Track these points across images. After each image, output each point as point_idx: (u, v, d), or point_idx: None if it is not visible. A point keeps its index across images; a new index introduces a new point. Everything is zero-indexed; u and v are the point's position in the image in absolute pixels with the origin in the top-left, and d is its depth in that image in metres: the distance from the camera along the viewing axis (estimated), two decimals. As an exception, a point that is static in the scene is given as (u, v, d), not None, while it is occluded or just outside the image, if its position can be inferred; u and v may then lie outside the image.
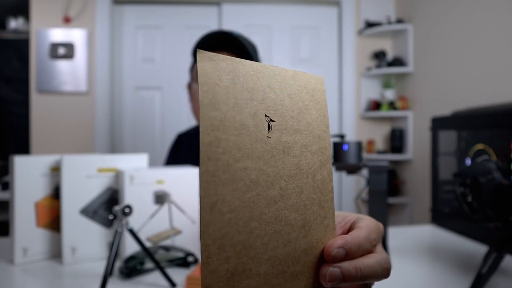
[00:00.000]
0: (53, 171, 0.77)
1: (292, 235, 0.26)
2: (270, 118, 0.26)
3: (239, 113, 0.24)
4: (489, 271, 0.58)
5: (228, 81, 0.24)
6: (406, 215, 2.26)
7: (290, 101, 0.28)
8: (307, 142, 0.29)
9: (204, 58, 0.23)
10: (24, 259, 0.74)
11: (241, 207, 0.23)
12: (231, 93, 0.24)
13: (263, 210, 0.25)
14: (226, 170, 0.23)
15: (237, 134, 0.24)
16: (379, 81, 2.39)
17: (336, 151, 0.91)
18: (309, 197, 0.28)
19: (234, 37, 0.91)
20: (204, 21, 2.34)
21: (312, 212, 0.28)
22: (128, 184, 0.74)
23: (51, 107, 2.18)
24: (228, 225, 0.23)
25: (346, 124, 2.36)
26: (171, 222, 0.79)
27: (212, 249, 0.22)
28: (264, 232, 0.25)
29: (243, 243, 0.23)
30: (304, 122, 0.29)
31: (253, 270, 0.24)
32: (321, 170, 0.29)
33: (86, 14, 2.19)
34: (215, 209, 0.22)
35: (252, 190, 0.24)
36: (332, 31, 2.40)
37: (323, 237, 0.28)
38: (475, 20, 1.65)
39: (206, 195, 0.22)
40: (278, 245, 0.25)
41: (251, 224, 0.24)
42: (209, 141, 0.22)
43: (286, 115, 0.27)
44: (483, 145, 0.96)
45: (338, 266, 0.26)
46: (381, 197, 0.91)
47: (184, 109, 2.32)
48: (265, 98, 0.26)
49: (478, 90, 1.63)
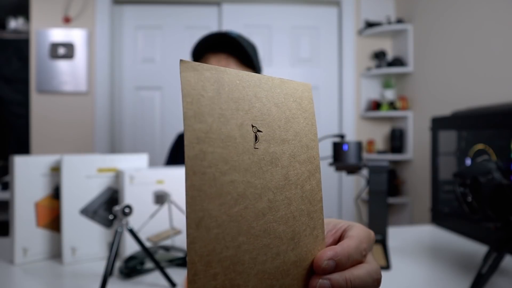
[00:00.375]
0: (53, 171, 0.77)
1: (281, 248, 0.26)
2: (257, 129, 0.25)
3: (225, 124, 0.23)
4: (489, 271, 0.58)
5: (212, 91, 0.23)
6: (406, 215, 2.26)
7: (277, 110, 0.27)
8: (295, 152, 0.28)
9: (187, 68, 0.22)
10: (24, 259, 0.74)
11: (228, 221, 0.23)
12: (216, 103, 0.23)
13: (251, 224, 0.24)
14: (213, 184, 0.22)
15: (223, 147, 0.23)
16: (379, 81, 2.39)
17: (336, 151, 0.91)
18: (298, 208, 0.27)
19: (233, 38, 0.90)
20: (204, 21, 2.34)
21: (301, 224, 0.27)
22: (128, 184, 0.74)
23: (51, 107, 2.18)
24: (215, 241, 0.22)
25: (346, 124, 2.36)
26: (171, 222, 0.79)
27: (199, 266, 0.21)
28: (253, 246, 0.24)
29: (231, 259, 0.23)
30: (292, 131, 0.28)
31: (241, 286, 0.23)
32: (310, 180, 0.28)
33: (86, 14, 2.19)
34: (202, 225, 0.21)
35: (239, 203, 0.23)
36: (332, 31, 2.40)
37: (312, 249, 0.28)
38: (475, 20, 1.65)
39: (192, 210, 0.21)
40: (267, 259, 0.25)
41: (239, 239, 0.23)
42: (194, 154, 0.21)
43: (274, 124, 0.27)
44: (483, 145, 0.96)
45: (328, 278, 0.26)
46: (381, 197, 0.91)
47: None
48: (251, 108, 0.25)
49: (478, 90, 1.63)
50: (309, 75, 2.38)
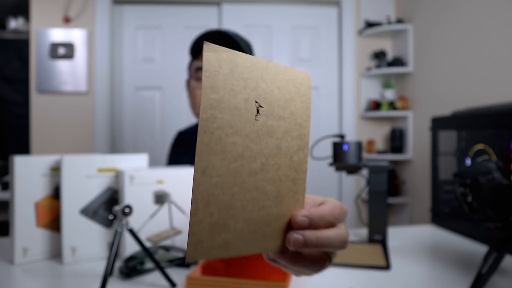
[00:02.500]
0: (53, 171, 0.77)
1: (266, 202, 0.31)
2: (259, 104, 0.31)
3: (234, 97, 0.29)
4: (489, 271, 0.58)
5: (227, 70, 0.28)
6: (406, 215, 2.26)
7: (279, 92, 0.32)
8: (289, 128, 0.33)
9: (209, 49, 0.27)
10: (24, 259, 0.74)
11: (227, 174, 0.28)
12: (229, 80, 0.28)
13: (244, 179, 0.30)
14: (218, 142, 0.28)
15: (230, 114, 0.28)
16: (379, 81, 2.39)
17: (336, 151, 0.91)
18: (285, 174, 0.33)
19: (229, 36, 0.95)
20: (204, 21, 2.34)
21: (286, 187, 0.33)
22: (128, 184, 0.74)
23: (51, 107, 2.18)
24: (214, 187, 0.27)
25: (346, 124, 2.36)
26: (171, 222, 0.79)
27: (200, 205, 0.27)
28: (244, 197, 0.29)
29: (225, 203, 0.28)
30: (288, 111, 0.33)
31: (231, 226, 0.29)
32: (299, 153, 0.34)
33: (86, 14, 2.19)
34: (206, 173, 0.27)
35: (237, 161, 0.29)
36: (332, 31, 2.40)
37: (292, 208, 0.33)
38: (475, 20, 1.65)
39: (199, 160, 0.26)
40: (254, 209, 0.30)
41: (234, 189, 0.29)
42: (206, 117, 0.27)
43: (274, 103, 0.32)
44: (483, 145, 0.96)
45: (302, 234, 0.31)
46: (381, 197, 0.91)
47: (184, 108, 2.32)
48: (257, 87, 0.30)
49: (478, 90, 1.63)
50: (309, 75, 2.39)
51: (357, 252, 0.82)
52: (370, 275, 0.69)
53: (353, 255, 0.80)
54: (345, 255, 0.80)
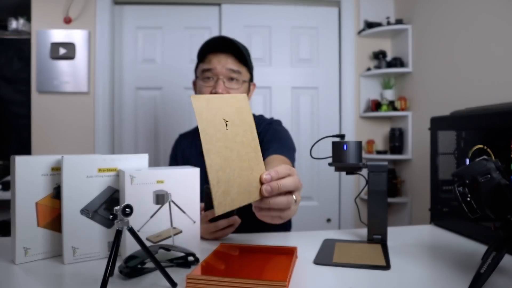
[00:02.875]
0: (53, 171, 0.77)
1: (246, 173, 0.59)
2: (226, 120, 0.58)
3: (213, 119, 0.56)
4: (488, 270, 0.58)
5: (206, 106, 0.56)
6: (405, 215, 2.26)
7: (235, 111, 0.60)
8: (245, 129, 0.61)
9: (196, 99, 0.55)
10: (25, 259, 0.74)
11: (222, 163, 0.55)
12: (209, 111, 0.56)
13: (231, 163, 0.57)
14: (213, 146, 0.55)
15: (214, 129, 0.56)
16: (379, 81, 2.40)
17: (336, 151, 0.91)
18: (250, 154, 0.61)
19: (230, 40, 1.10)
20: (204, 21, 2.34)
21: (253, 162, 0.61)
22: (129, 184, 0.74)
23: (52, 107, 2.18)
24: (218, 172, 0.55)
25: (345, 124, 2.36)
26: (171, 222, 0.80)
27: (214, 183, 0.54)
28: (233, 173, 0.57)
29: (226, 179, 0.56)
30: (242, 119, 0.61)
31: (231, 191, 0.57)
32: (254, 141, 0.62)
33: (86, 15, 2.20)
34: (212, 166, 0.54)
35: (225, 154, 0.56)
36: (332, 31, 2.40)
37: (260, 173, 0.62)
38: (474, 21, 1.66)
39: (207, 159, 0.54)
40: (240, 178, 0.58)
41: (227, 170, 0.56)
42: (204, 133, 0.54)
43: (233, 117, 0.60)
44: (482, 145, 0.96)
45: (268, 185, 0.60)
46: (381, 197, 0.91)
47: (185, 108, 2.32)
48: (222, 110, 0.58)
49: (478, 90, 1.63)
50: (309, 75, 2.39)
51: (356, 252, 0.82)
52: (370, 275, 0.69)
53: (352, 255, 0.80)
54: (345, 255, 0.80)
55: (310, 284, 0.65)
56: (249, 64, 1.14)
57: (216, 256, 0.74)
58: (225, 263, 0.71)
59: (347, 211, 2.37)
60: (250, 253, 0.76)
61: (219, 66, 1.08)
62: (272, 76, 2.34)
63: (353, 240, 0.93)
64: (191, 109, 2.32)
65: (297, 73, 2.38)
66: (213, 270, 0.67)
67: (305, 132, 2.38)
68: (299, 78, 2.38)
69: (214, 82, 1.09)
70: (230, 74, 1.09)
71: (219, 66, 1.08)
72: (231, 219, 0.90)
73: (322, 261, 0.76)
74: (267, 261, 0.71)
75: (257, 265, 0.69)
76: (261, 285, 0.57)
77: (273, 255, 0.74)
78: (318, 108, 2.39)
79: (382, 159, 2.21)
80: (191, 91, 2.33)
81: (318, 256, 0.79)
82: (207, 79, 1.10)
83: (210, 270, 0.66)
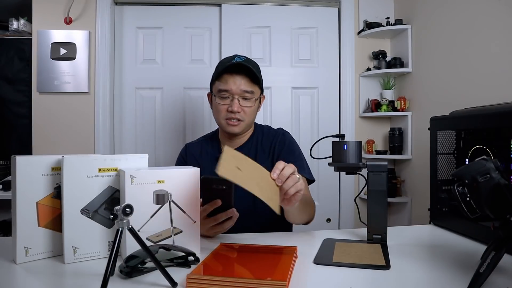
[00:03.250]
0: (54, 171, 0.78)
1: (264, 185, 0.78)
2: (238, 167, 0.75)
3: (235, 165, 0.75)
4: (487, 270, 0.59)
5: (232, 157, 0.77)
6: (405, 214, 2.26)
7: (250, 162, 0.81)
8: (259, 167, 0.81)
9: (227, 151, 0.76)
10: (25, 258, 0.74)
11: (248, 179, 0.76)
12: (233, 159, 0.77)
13: (256, 182, 0.77)
14: (239, 178, 0.74)
15: (240, 170, 0.76)
16: (379, 81, 2.40)
17: (336, 151, 0.91)
18: (266, 181, 0.79)
19: (245, 65, 1.18)
20: (204, 21, 2.34)
21: (268, 182, 0.80)
22: (129, 184, 0.75)
23: (52, 107, 2.18)
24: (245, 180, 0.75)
25: (345, 124, 2.36)
26: (171, 221, 0.80)
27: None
28: (257, 184, 0.76)
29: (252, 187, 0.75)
30: (255, 167, 0.81)
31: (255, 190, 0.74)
32: (267, 176, 0.80)
33: (87, 15, 2.20)
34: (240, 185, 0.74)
35: (250, 180, 0.75)
36: (331, 31, 2.40)
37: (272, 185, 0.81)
38: (474, 21, 1.66)
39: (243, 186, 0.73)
40: (262, 184, 0.77)
41: (256, 185, 0.76)
42: (233, 175, 0.73)
43: (249, 163, 0.80)
44: (481, 145, 0.97)
45: (278, 178, 0.80)
46: (381, 197, 0.91)
47: (185, 108, 2.32)
48: (241, 163, 0.77)
49: (477, 91, 1.63)
50: (308, 75, 2.39)
51: (356, 252, 0.82)
52: (370, 275, 0.69)
53: (352, 254, 0.81)
54: (345, 255, 0.81)
55: (310, 284, 0.65)
56: (260, 81, 1.24)
57: (216, 255, 0.74)
58: (225, 263, 0.71)
59: (347, 211, 2.37)
60: (250, 253, 0.76)
61: (235, 87, 1.17)
62: (272, 76, 2.34)
63: (353, 240, 0.93)
64: (191, 109, 2.32)
65: (297, 73, 2.38)
66: (213, 269, 0.67)
67: (305, 132, 2.38)
68: (299, 78, 2.38)
69: (230, 101, 1.18)
70: (244, 95, 1.18)
71: (234, 87, 1.17)
72: (229, 211, 0.90)
73: (322, 261, 0.76)
74: (267, 260, 0.72)
75: (257, 265, 0.69)
76: (261, 284, 0.58)
77: (273, 255, 0.75)
78: (318, 108, 2.39)
79: (381, 159, 2.21)
80: (191, 91, 2.34)
81: (318, 256, 0.79)
82: (224, 99, 1.19)
83: (210, 269, 0.66)
